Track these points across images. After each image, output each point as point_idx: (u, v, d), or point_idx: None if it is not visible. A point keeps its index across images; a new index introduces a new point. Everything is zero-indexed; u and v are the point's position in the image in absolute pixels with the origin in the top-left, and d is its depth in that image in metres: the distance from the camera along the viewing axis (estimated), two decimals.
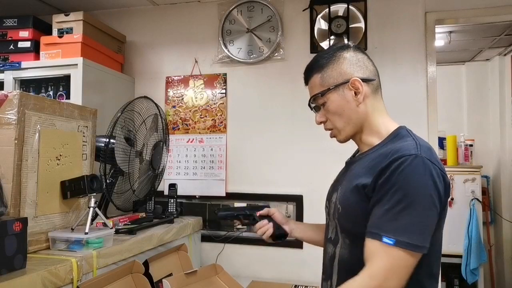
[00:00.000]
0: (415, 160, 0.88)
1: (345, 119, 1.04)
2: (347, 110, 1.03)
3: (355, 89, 1.02)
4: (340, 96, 1.03)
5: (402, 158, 0.89)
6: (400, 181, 0.87)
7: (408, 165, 0.88)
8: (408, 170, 0.88)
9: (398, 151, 0.91)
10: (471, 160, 3.37)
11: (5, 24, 2.19)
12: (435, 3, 2.14)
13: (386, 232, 0.86)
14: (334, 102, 1.04)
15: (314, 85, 1.08)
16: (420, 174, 0.88)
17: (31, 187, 1.32)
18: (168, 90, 2.48)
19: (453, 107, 3.79)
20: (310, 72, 1.09)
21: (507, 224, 3.31)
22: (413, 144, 0.93)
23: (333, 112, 1.05)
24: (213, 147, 2.37)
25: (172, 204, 2.11)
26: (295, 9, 2.30)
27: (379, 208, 0.89)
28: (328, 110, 1.06)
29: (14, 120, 1.26)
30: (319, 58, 1.07)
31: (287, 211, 2.25)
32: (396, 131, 1.01)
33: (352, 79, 1.01)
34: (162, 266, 1.69)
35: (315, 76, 1.07)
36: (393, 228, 0.86)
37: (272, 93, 2.32)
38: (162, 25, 2.52)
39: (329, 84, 1.04)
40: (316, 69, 1.07)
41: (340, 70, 1.03)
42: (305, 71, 1.12)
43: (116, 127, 1.69)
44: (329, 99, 1.04)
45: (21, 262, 1.13)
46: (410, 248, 0.84)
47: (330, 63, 1.04)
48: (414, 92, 2.12)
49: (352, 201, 0.97)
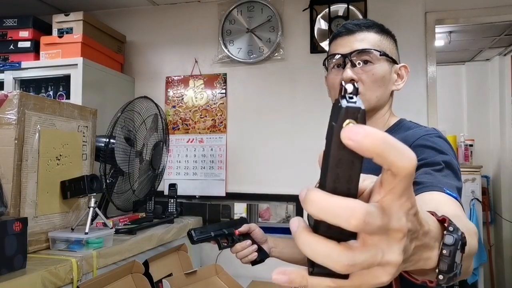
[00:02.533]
0: (438, 137, 0.85)
1: (379, 92, 0.93)
2: (385, 86, 0.94)
3: (400, 75, 0.96)
4: (389, 70, 0.94)
5: (426, 135, 0.85)
6: (437, 148, 0.81)
7: (433, 138, 0.84)
8: (439, 141, 0.84)
9: (415, 135, 0.87)
10: (471, 160, 3.37)
11: (5, 24, 2.19)
12: (435, 3, 2.14)
13: (445, 188, 0.72)
14: (384, 70, 0.92)
15: (367, 40, 0.92)
16: (449, 147, 0.84)
17: (31, 187, 1.32)
18: (168, 90, 2.48)
19: (453, 107, 3.79)
20: (367, 27, 0.94)
21: (507, 224, 3.31)
22: (427, 128, 0.91)
23: (375, 79, 0.91)
24: (213, 147, 2.37)
25: (172, 204, 2.11)
26: (295, 9, 2.30)
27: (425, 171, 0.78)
28: (373, 73, 0.91)
29: (14, 120, 1.26)
30: (375, 22, 0.96)
31: (287, 211, 2.25)
32: (397, 122, 0.98)
33: (403, 64, 0.97)
34: (162, 266, 1.69)
35: (374, 35, 0.93)
36: (449, 186, 0.74)
37: (272, 93, 2.32)
38: (162, 25, 2.52)
39: (386, 51, 0.93)
40: (377, 29, 0.94)
41: (394, 49, 0.97)
42: (353, 23, 0.95)
43: (116, 127, 1.69)
44: (381, 64, 0.92)
45: (21, 262, 1.13)
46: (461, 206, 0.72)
47: (387, 35, 0.96)
48: (414, 92, 2.12)
49: None
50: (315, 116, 2.22)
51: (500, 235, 3.40)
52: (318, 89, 2.21)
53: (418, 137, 0.86)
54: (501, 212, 3.38)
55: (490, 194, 3.53)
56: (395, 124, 0.98)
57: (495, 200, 3.53)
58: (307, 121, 2.25)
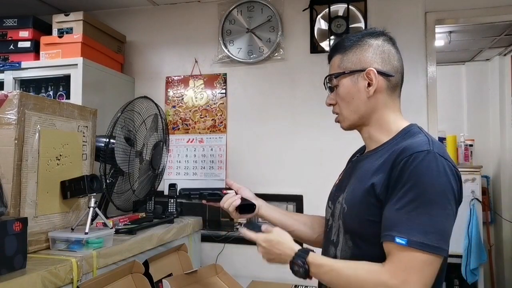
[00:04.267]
0: (427, 156, 0.85)
1: (352, 107, 1.00)
2: (356, 99, 0.99)
3: (369, 80, 0.97)
4: (352, 83, 0.99)
5: (414, 154, 0.85)
6: (413, 179, 0.83)
7: (420, 161, 0.84)
8: (421, 167, 0.84)
9: (409, 147, 0.88)
10: (471, 160, 3.36)
11: (5, 24, 2.19)
12: (435, 3, 2.14)
13: (399, 232, 0.82)
14: (345, 87, 1.00)
15: (333, 65, 1.04)
16: (434, 171, 0.84)
17: (31, 187, 1.32)
18: (168, 90, 2.48)
19: (453, 107, 3.79)
20: (333, 52, 1.05)
21: (507, 224, 3.31)
22: (425, 140, 0.90)
23: (342, 98, 1.01)
24: (213, 147, 2.37)
25: (172, 204, 2.11)
26: (295, 9, 2.30)
27: (391, 208, 0.86)
28: (339, 94, 1.02)
29: (14, 120, 1.26)
30: (346, 40, 1.03)
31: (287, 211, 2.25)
32: (406, 128, 0.98)
33: (368, 69, 0.97)
34: (162, 266, 1.69)
35: (336, 57, 1.03)
36: (405, 228, 0.82)
37: (272, 93, 2.32)
38: (162, 25, 2.52)
39: (346, 68, 1.00)
40: (339, 50, 1.03)
41: (361, 56, 0.99)
42: (330, 50, 1.09)
43: (116, 127, 1.69)
44: (342, 84, 1.01)
45: (21, 262, 1.13)
46: (425, 249, 0.80)
47: (354, 47, 1.00)
48: (414, 92, 2.12)
49: (359, 200, 0.93)
50: (315, 116, 2.22)
51: (500, 235, 3.40)
52: (318, 89, 2.21)
53: (404, 156, 0.87)
54: (501, 212, 3.38)
55: (490, 194, 3.53)
56: (403, 130, 0.98)
57: (495, 200, 3.52)
58: (307, 121, 2.25)
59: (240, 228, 1.04)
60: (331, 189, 1.13)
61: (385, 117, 1.00)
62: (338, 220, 1.01)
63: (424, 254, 0.81)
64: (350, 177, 1.04)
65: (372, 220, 0.90)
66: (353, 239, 0.95)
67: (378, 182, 0.90)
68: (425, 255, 0.81)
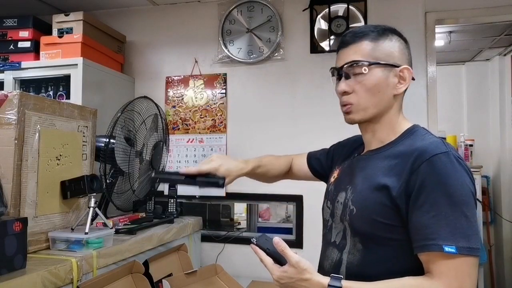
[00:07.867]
0: (448, 158, 0.84)
1: (375, 100, 0.94)
2: (382, 93, 0.94)
3: (401, 78, 0.94)
4: (384, 76, 0.93)
5: (434, 157, 0.84)
6: (441, 182, 0.82)
7: (443, 164, 0.83)
8: (445, 170, 0.83)
9: (426, 150, 0.86)
10: (471, 160, 3.36)
11: (5, 24, 2.19)
12: (435, 3, 2.14)
13: (445, 240, 0.79)
14: (376, 78, 0.93)
15: (359, 51, 0.94)
16: (458, 172, 0.84)
17: (31, 187, 1.32)
18: (168, 90, 2.48)
19: (453, 107, 3.79)
20: (361, 37, 0.95)
21: (507, 224, 3.31)
22: (439, 141, 0.88)
23: (368, 88, 0.93)
24: (213, 147, 2.37)
25: (172, 204, 2.11)
26: (295, 9, 2.30)
27: (424, 215, 0.82)
28: (364, 83, 0.93)
29: (14, 120, 1.26)
30: (373, 29, 0.95)
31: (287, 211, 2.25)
32: (410, 128, 0.97)
33: (404, 66, 0.94)
34: (162, 266, 1.69)
35: (366, 43, 0.94)
36: (450, 234, 0.79)
37: (272, 93, 2.32)
38: (162, 25, 2.52)
39: (379, 58, 0.93)
40: (367, 37, 0.94)
41: (393, 51, 0.94)
42: (351, 33, 0.97)
43: (116, 127, 1.69)
44: (372, 73, 0.93)
45: (21, 262, 1.13)
46: (472, 253, 0.79)
47: (384, 38, 0.94)
48: (414, 92, 2.11)
49: (371, 202, 0.90)
50: (315, 116, 2.21)
51: (500, 235, 3.40)
52: (318, 89, 2.21)
53: (422, 160, 0.85)
54: (501, 212, 3.38)
55: (490, 194, 3.53)
56: (408, 130, 0.97)
57: (495, 200, 3.52)
58: (307, 121, 2.25)
59: (252, 246, 0.89)
60: (328, 188, 1.10)
61: (396, 117, 0.98)
62: (342, 221, 0.97)
63: (471, 258, 0.80)
64: (351, 176, 1.00)
65: (385, 223, 0.88)
66: (364, 241, 0.92)
67: (393, 185, 0.87)
68: (471, 258, 0.80)
